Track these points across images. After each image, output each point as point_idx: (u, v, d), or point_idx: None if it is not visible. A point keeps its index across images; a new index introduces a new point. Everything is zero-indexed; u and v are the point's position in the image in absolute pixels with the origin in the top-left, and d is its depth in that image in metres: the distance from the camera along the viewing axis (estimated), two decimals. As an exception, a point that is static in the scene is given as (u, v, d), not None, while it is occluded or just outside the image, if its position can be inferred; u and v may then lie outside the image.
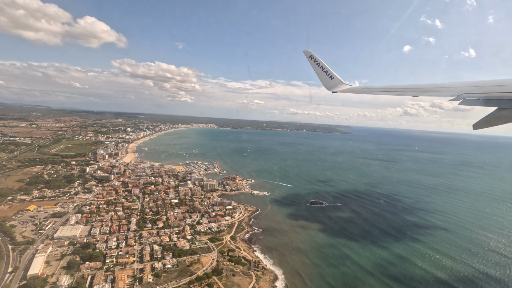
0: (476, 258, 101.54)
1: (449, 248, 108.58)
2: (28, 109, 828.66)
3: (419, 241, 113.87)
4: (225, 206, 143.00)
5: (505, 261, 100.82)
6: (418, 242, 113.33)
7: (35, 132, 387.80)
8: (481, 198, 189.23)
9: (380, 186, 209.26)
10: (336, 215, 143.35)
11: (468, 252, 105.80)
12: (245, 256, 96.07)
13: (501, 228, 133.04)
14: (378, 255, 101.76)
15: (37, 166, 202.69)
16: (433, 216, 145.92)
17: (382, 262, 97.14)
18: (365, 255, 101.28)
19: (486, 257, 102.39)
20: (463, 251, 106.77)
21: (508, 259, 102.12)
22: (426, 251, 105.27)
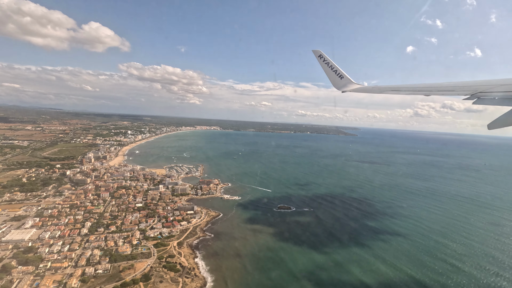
0: (420, 267, 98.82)
1: (395, 256, 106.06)
2: (41, 112, 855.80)
3: (367, 248, 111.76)
4: (187, 211, 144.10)
5: (451, 270, 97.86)
6: (366, 248, 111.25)
7: (37, 135, 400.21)
8: (462, 204, 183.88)
9: (358, 191, 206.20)
10: (296, 220, 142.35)
11: (415, 261, 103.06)
12: (182, 262, 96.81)
13: (466, 236, 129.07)
14: (314, 261, 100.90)
15: (22, 169, 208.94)
16: (397, 222, 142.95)
17: (315, 268, 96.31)
18: (301, 261, 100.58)
19: (431, 267, 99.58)
20: (410, 259, 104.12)
21: (455, 269, 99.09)
22: (368, 258, 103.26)
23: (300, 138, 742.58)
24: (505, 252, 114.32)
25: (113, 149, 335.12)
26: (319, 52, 34.94)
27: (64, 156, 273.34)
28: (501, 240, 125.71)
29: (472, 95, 17.16)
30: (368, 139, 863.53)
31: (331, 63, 34.36)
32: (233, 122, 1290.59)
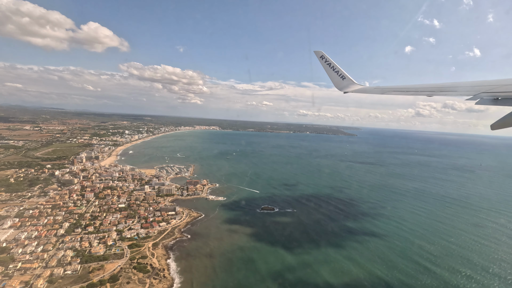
0: (390, 269, 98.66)
1: (369, 257, 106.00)
2: (43, 111, 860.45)
3: (342, 249, 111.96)
4: (168, 211, 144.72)
5: (421, 272, 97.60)
6: (340, 250, 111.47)
7: (34, 135, 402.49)
8: (449, 205, 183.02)
9: (346, 191, 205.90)
10: (277, 221, 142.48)
11: (387, 262, 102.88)
12: (153, 263, 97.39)
13: (445, 238, 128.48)
14: (284, 262, 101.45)
15: (12, 169, 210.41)
16: (377, 223, 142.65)
17: (283, 269, 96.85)
18: (272, 261, 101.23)
19: (402, 268, 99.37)
20: (383, 261, 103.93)
21: (426, 271, 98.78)
22: (340, 260, 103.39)
23: (298, 138, 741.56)
24: (481, 254, 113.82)
25: (107, 149, 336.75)
26: (321, 53, 35.08)
27: (57, 156, 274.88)
28: (479, 242, 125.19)
29: (475, 95, 17.21)
30: (367, 139, 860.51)
31: (333, 63, 34.48)
32: (234, 122, 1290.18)
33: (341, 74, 34.24)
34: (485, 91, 17.24)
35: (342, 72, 34.25)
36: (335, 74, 34.49)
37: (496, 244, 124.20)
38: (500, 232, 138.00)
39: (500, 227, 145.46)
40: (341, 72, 34.24)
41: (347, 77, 34.10)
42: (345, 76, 34.14)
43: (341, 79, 34.21)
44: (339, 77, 34.31)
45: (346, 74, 34.18)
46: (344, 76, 34.19)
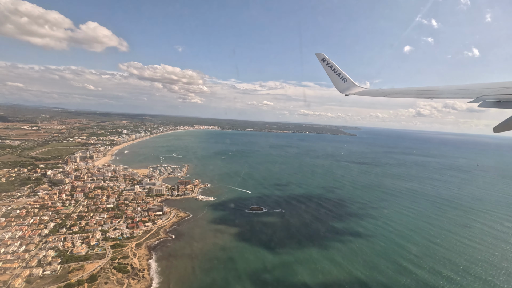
0: (370, 269, 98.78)
1: (349, 257, 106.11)
2: (43, 111, 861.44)
3: (324, 249, 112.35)
4: (155, 212, 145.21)
5: (401, 273, 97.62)
6: (322, 250, 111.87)
7: (31, 135, 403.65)
8: (439, 205, 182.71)
9: (338, 191, 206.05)
10: (264, 221, 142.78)
11: (368, 263, 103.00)
12: (134, 264, 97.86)
13: (430, 239, 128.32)
14: (264, 261, 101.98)
15: (5, 169, 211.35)
16: (364, 223, 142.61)
17: (261, 269, 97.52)
18: (252, 261, 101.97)
19: (382, 269, 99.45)
20: (364, 261, 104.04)
21: (406, 272, 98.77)
22: (320, 260, 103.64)
23: (297, 138, 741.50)
24: (464, 255, 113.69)
25: (103, 149, 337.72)
26: (322, 56, 35.13)
27: (52, 156, 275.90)
28: (464, 243, 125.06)
29: (477, 98, 17.25)
30: (366, 139, 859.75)
31: (334, 66, 34.49)
32: (234, 121, 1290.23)
33: (343, 77, 34.37)
34: (487, 93, 17.35)
35: (344, 74, 34.36)
36: (336, 76, 34.59)
37: (480, 245, 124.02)
38: (486, 233, 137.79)
39: (487, 228, 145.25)
40: (343, 75, 34.35)
41: (348, 79, 34.20)
42: (347, 79, 34.24)
43: (343, 81, 34.33)
44: (340, 79, 34.44)
45: (348, 76, 34.28)
46: (345, 79, 34.29)
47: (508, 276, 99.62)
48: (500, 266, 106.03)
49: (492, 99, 16.39)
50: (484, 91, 17.99)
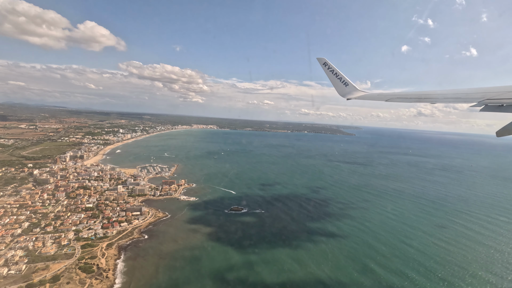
0: (334, 270, 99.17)
1: (316, 258, 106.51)
2: (44, 110, 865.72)
3: (292, 250, 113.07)
4: (133, 212, 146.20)
5: (365, 274, 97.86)
6: (291, 250, 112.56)
7: (27, 134, 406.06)
8: (422, 206, 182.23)
9: (322, 191, 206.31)
10: (241, 221, 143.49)
11: (334, 263, 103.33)
12: (100, 264, 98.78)
13: (403, 240, 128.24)
14: (229, 261, 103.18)
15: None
16: (341, 224, 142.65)
17: (225, 268, 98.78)
18: (217, 260, 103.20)
19: (346, 270, 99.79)
20: (331, 262, 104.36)
21: (370, 273, 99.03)
22: (286, 260, 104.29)
23: (295, 137, 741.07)
24: (434, 256, 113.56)
25: (95, 148, 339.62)
26: (324, 60, 35.43)
27: (42, 155, 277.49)
28: (437, 244, 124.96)
29: (479, 102, 17.25)
30: (365, 138, 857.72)
31: (336, 70, 34.73)
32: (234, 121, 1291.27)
33: (344, 81, 34.57)
34: (489, 97, 17.34)
35: (345, 78, 34.49)
36: (338, 80, 34.84)
37: (453, 246, 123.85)
38: (461, 235, 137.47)
39: (464, 229, 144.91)
40: (344, 79, 34.56)
41: (350, 83, 34.41)
42: (348, 83, 34.44)
43: (344, 85, 34.52)
44: (342, 83, 34.67)
45: (349, 80, 34.50)
46: (347, 83, 34.49)
47: (473, 278, 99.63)
48: (468, 268, 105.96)
49: (494, 103, 16.42)
50: (486, 95, 17.99)
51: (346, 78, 34.40)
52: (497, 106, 15.99)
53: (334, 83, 34.88)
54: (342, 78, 34.48)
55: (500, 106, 15.84)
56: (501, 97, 16.77)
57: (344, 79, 34.44)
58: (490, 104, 16.39)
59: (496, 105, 16.12)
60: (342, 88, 34.44)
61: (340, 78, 34.54)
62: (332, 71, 34.71)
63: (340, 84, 34.60)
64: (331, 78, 34.99)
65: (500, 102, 16.06)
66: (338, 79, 34.61)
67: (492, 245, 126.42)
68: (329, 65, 34.78)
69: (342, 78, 34.50)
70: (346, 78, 34.39)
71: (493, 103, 16.35)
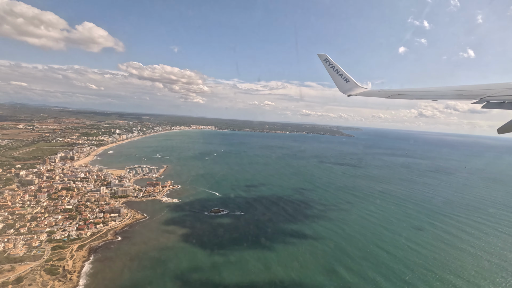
0: (300, 272, 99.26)
1: (284, 260, 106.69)
2: (45, 110, 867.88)
3: (262, 251, 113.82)
4: (112, 213, 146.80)
5: (329, 278, 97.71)
6: (260, 251, 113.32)
7: (23, 134, 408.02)
8: (405, 209, 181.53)
9: (307, 193, 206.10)
10: (218, 223, 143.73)
11: (301, 266, 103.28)
12: (66, 266, 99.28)
13: (377, 243, 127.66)
14: (195, 262, 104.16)
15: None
16: (316, 226, 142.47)
17: (189, 269, 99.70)
18: (183, 262, 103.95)
19: (312, 273, 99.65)
20: (298, 264, 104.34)
21: (335, 277, 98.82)
22: (252, 262, 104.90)
23: (292, 138, 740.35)
24: (404, 260, 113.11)
25: (88, 149, 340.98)
26: (325, 56, 35.44)
27: (34, 156, 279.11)
28: (410, 247, 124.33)
29: (481, 99, 17.21)
30: (363, 140, 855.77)
31: (337, 66, 34.68)
32: (234, 121, 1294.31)
33: (345, 77, 34.52)
34: (491, 94, 17.33)
35: (346, 75, 34.46)
36: (339, 77, 34.75)
37: (426, 249, 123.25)
38: (437, 238, 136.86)
39: (442, 232, 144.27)
40: (345, 75, 34.54)
41: (351, 80, 34.34)
42: (349, 79, 34.38)
43: (345, 82, 34.45)
44: (343, 80, 34.59)
45: (350, 77, 34.50)
46: (348, 79, 34.32)
47: (440, 282, 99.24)
48: (437, 272, 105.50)
49: (496, 100, 16.41)
50: (488, 92, 17.96)
51: (347, 74, 34.42)
52: (498, 103, 16.01)
53: (335, 79, 34.90)
54: (343, 75, 34.50)
55: (502, 103, 15.84)
56: (503, 94, 16.81)
57: (345, 75, 34.45)
58: (492, 101, 16.41)
59: (497, 102, 16.14)
60: (343, 84, 34.46)
61: (341, 75, 34.55)
62: (333, 68, 34.71)
63: (341, 80, 34.58)
64: (332, 75, 35.00)
65: (502, 99, 16.08)
66: (339, 75, 34.60)
67: (466, 249, 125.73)
68: (330, 61, 34.81)
69: (343, 74, 34.51)
70: (347, 75, 34.40)
71: (495, 100, 16.37)
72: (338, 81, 34.58)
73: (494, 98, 16.55)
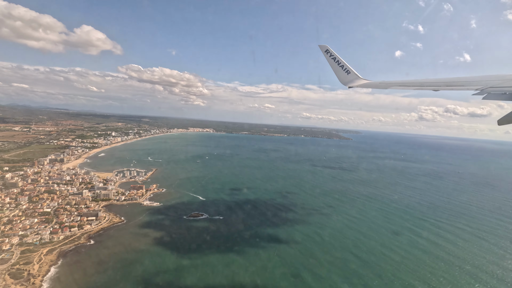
0: (261, 276, 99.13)
1: (250, 265, 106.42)
2: (45, 112, 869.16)
3: (231, 255, 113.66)
4: (89, 216, 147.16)
5: (292, 282, 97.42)
6: (228, 256, 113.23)
7: (18, 136, 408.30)
8: (386, 213, 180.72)
9: (291, 197, 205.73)
10: (195, 227, 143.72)
11: (264, 271, 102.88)
12: (32, 270, 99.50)
13: (348, 248, 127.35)
14: (160, 266, 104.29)
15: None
16: (292, 231, 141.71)
17: (152, 272, 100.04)
18: (152, 264, 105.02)
19: (274, 277, 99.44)
20: (261, 269, 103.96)
21: (299, 282, 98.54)
22: (217, 266, 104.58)
23: (288, 141, 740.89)
24: (374, 266, 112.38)
25: (79, 152, 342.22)
26: (326, 47, 35.13)
27: (23, 158, 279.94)
28: (384, 253, 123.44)
29: (482, 90, 17.10)
30: (361, 143, 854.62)
31: (338, 58, 34.52)
32: (233, 124, 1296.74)
33: (346, 69, 34.42)
34: (492, 85, 17.29)
35: (347, 66, 34.34)
36: (340, 68, 34.58)
37: (399, 255, 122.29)
38: (413, 243, 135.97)
39: (419, 238, 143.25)
40: (346, 67, 34.42)
41: (352, 71, 34.17)
42: (350, 71, 34.21)
43: (346, 73, 34.38)
44: (344, 71, 34.46)
45: (351, 68, 34.43)
46: (349, 71, 34.25)
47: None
48: (404, 278, 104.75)
49: (497, 91, 16.34)
50: (489, 83, 17.89)
51: (348, 66, 34.31)
52: (499, 94, 15.96)
53: (336, 71, 34.78)
54: (344, 66, 34.35)
55: (503, 94, 15.83)
56: (504, 85, 16.82)
57: (346, 66, 34.32)
58: (493, 92, 16.36)
59: (499, 93, 16.09)
60: (344, 76, 34.37)
61: (342, 66, 34.41)
62: (334, 59, 34.52)
63: (342, 72, 34.47)
64: (333, 66, 34.88)
65: (503, 91, 16.09)
66: (340, 66, 34.45)
67: (440, 255, 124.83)
68: (331, 52, 34.55)
69: (344, 65, 34.38)
70: (348, 66, 34.29)
71: (496, 91, 16.31)
72: (339, 72, 34.56)
73: (495, 90, 16.54)
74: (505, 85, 16.77)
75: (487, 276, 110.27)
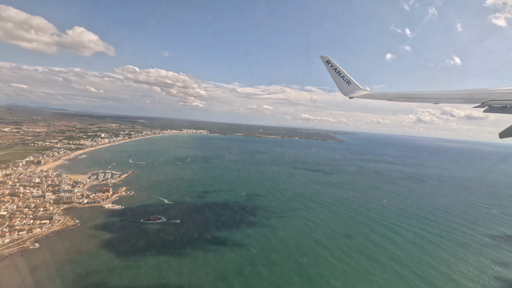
0: (191, 279, 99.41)
1: (185, 268, 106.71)
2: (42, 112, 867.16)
3: (168, 258, 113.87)
4: (42, 219, 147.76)
5: None
6: (166, 259, 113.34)
7: (5, 137, 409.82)
8: (348, 218, 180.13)
9: (259, 199, 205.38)
10: (149, 230, 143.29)
11: (195, 276, 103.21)
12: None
13: (293, 256, 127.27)
14: (97, 267, 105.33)
15: None
16: (243, 235, 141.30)
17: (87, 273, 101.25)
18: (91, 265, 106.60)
19: (202, 281, 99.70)
20: (195, 274, 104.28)
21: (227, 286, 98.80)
22: (164, 268, 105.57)
23: (280, 143, 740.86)
24: (309, 273, 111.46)
25: (61, 153, 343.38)
26: (327, 58, 35.68)
27: (2, 160, 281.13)
28: (327, 260, 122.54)
29: (483, 103, 17.22)
30: (354, 145, 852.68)
31: (339, 68, 34.90)
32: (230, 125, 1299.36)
33: (347, 79, 34.73)
34: (493, 98, 17.43)
35: (348, 77, 34.69)
36: (340, 79, 34.91)
37: (341, 261, 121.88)
38: (361, 248, 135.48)
39: (368, 242, 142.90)
40: (347, 77, 34.77)
41: (352, 82, 34.43)
42: (351, 82, 34.47)
43: (347, 84, 34.65)
44: (344, 82, 34.78)
45: (352, 79, 34.61)
46: (349, 81, 34.51)
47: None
48: (339, 286, 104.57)
49: (498, 105, 16.43)
50: (490, 96, 18.05)
51: (349, 76, 34.63)
52: (501, 107, 16.05)
53: (336, 81, 35.05)
54: (345, 77, 34.65)
55: (504, 107, 15.90)
56: (505, 99, 16.87)
57: (347, 77, 34.61)
58: (494, 106, 16.45)
59: (499, 106, 16.17)
60: (345, 86, 34.62)
61: (343, 77, 34.70)
62: (335, 70, 34.83)
63: (342, 82, 34.72)
64: (334, 77, 35.17)
65: (504, 104, 16.15)
66: (341, 77, 34.74)
67: (382, 261, 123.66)
68: (332, 63, 34.91)
69: (345, 76, 34.67)
70: (349, 77, 34.59)
71: (497, 105, 16.39)
72: (340, 83, 34.82)
73: (496, 103, 16.63)
74: (505, 98, 16.86)
75: (421, 282, 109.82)
